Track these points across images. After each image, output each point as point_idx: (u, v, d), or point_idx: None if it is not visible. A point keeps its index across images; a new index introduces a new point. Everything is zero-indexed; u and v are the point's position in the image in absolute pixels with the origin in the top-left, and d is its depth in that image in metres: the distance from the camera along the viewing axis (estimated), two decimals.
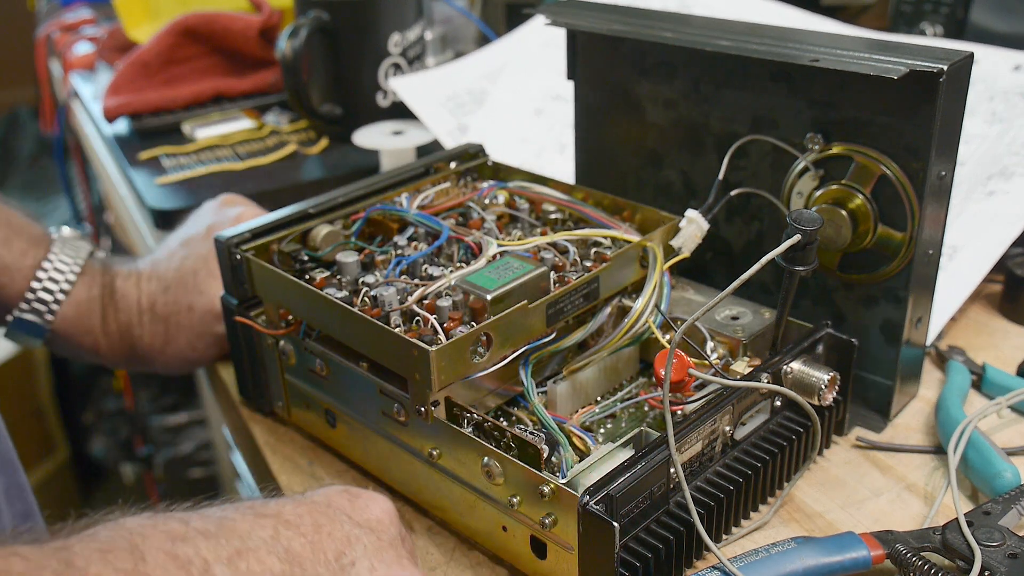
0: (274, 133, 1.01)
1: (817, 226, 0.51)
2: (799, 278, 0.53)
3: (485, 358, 0.50)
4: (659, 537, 0.47)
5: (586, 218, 0.62)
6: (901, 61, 0.51)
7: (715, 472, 0.51)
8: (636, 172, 0.69)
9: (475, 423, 0.50)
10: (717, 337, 0.58)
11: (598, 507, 0.44)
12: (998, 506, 0.49)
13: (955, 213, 0.70)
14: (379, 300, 0.53)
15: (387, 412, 0.53)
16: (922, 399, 0.63)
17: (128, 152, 0.98)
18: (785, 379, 0.54)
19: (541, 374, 0.57)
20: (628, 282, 0.58)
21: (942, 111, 0.52)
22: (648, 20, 0.63)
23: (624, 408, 0.57)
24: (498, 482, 0.48)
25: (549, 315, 0.53)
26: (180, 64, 1.04)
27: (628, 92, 0.67)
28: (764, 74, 0.59)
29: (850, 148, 0.56)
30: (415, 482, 0.54)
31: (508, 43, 1.03)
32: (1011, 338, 0.69)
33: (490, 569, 0.51)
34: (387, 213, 0.63)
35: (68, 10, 1.59)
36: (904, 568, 0.47)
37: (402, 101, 0.95)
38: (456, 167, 0.70)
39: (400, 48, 0.97)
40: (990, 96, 0.79)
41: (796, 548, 0.47)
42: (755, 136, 0.60)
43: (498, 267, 0.54)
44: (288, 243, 0.61)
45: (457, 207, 0.65)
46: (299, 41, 0.90)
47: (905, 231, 0.56)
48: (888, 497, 0.55)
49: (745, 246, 0.64)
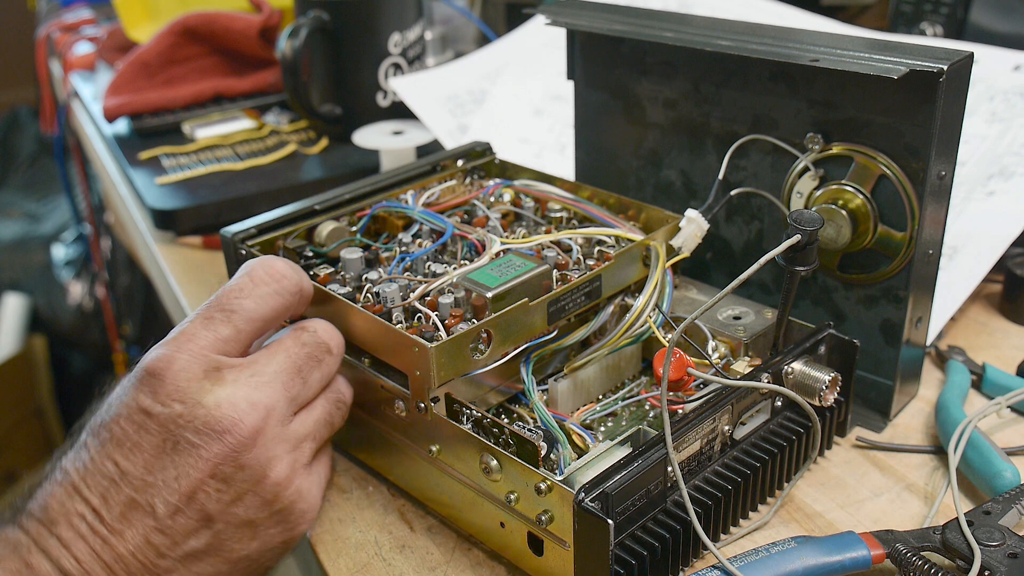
0: (274, 133, 1.01)
1: (817, 226, 0.51)
2: (800, 278, 0.53)
3: (485, 355, 0.50)
4: (655, 535, 0.47)
5: (591, 217, 0.63)
6: (901, 61, 0.51)
7: (713, 471, 0.51)
8: (636, 172, 0.69)
9: (474, 420, 0.50)
10: (719, 337, 0.58)
11: (593, 504, 0.44)
12: (998, 506, 0.49)
13: (955, 213, 0.70)
14: (381, 296, 0.53)
15: (388, 408, 0.53)
16: (922, 399, 0.63)
17: (128, 152, 0.98)
18: (786, 379, 0.54)
19: (543, 372, 0.57)
20: (631, 281, 0.58)
21: (942, 111, 0.52)
22: (648, 20, 0.63)
23: (625, 407, 0.57)
24: (496, 478, 0.48)
25: (550, 313, 0.53)
26: (180, 64, 1.04)
27: (628, 92, 0.67)
28: (764, 74, 0.59)
29: (850, 148, 0.57)
30: (416, 478, 0.55)
31: (508, 43, 1.03)
32: (1011, 338, 0.69)
33: (490, 569, 0.51)
34: (392, 210, 0.63)
35: (68, 10, 1.59)
36: (904, 568, 0.47)
37: (402, 101, 0.95)
38: (463, 165, 0.70)
39: (400, 48, 0.97)
40: (990, 96, 0.79)
41: (796, 548, 0.47)
42: (755, 136, 0.61)
43: (500, 265, 0.54)
44: (293, 239, 0.62)
45: (462, 205, 0.65)
46: (299, 41, 0.90)
47: (905, 231, 0.56)
48: (888, 497, 0.55)
49: (745, 246, 0.64)
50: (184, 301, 0.79)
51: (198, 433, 0.46)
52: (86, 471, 0.47)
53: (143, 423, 0.47)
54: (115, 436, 0.47)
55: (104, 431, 0.47)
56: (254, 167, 0.93)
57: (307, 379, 0.51)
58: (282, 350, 0.51)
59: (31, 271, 2.38)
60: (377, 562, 0.52)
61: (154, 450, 0.46)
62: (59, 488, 0.47)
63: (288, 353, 0.50)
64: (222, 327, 0.49)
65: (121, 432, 0.47)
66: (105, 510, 0.46)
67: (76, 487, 0.46)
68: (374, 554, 0.52)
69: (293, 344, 0.51)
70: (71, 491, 0.46)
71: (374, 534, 0.54)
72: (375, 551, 0.52)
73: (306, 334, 0.52)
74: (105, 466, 0.46)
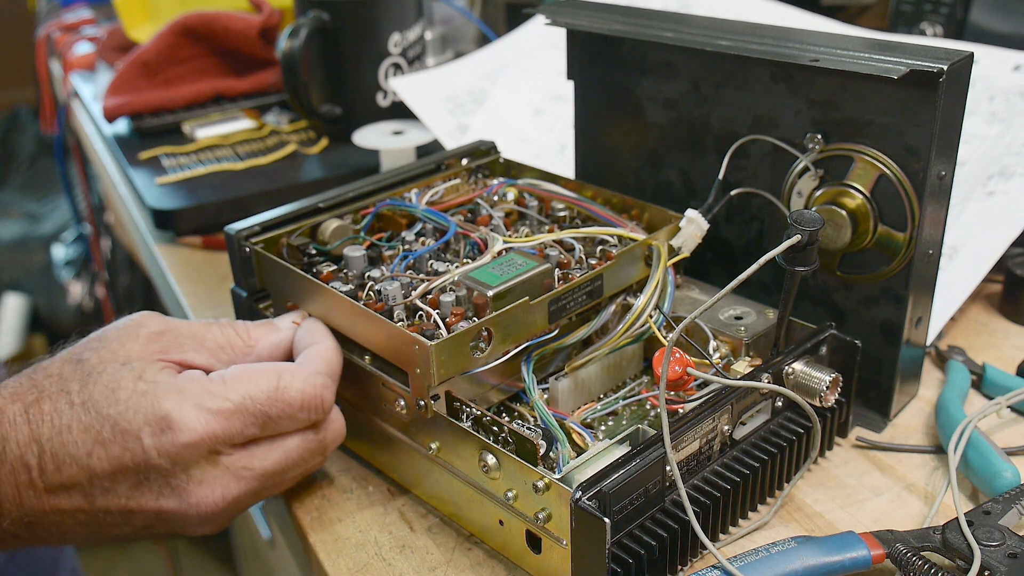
0: (274, 133, 1.01)
1: (818, 226, 0.51)
2: (800, 278, 0.53)
3: (486, 353, 0.50)
4: (653, 535, 0.47)
5: (594, 216, 0.63)
6: (901, 61, 0.51)
7: (713, 471, 0.51)
8: (636, 172, 0.69)
9: (474, 418, 0.50)
10: (720, 337, 0.58)
11: (591, 503, 0.44)
12: (998, 506, 0.49)
13: (955, 213, 0.70)
14: (383, 294, 0.54)
15: (389, 405, 0.53)
16: (922, 399, 0.63)
17: (128, 152, 0.98)
18: (787, 380, 0.54)
19: (544, 371, 0.57)
20: (633, 280, 0.58)
21: (942, 111, 0.52)
22: (648, 20, 0.63)
23: (626, 406, 0.57)
24: (495, 476, 0.48)
25: (551, 312, 0.53)
26: (180, 64, 1.04)
27: (628, 92, 0.67)
28: (764, 74, 0.59)
29: (850, 148, 0.57)
30: (416, 476, 0.55)
31: (508, 43, 1.03)
32: (1011, 338, 0.69)
33: (490, 569, 0.51)
34: (396, 208, 0.63)
35: (68, 10, 1.60)
36: (904, 568, 0.47)
37: (402, 101, 0.95)
38: (467, 164, 0.70)
39: (400, 48, 0.97)
40: (990, 96, 0.79)
41: (796, 548, 0.47)
42: (755, 136, 0.61)
43: (502, 263, 0.55)
44: (297, 237, 0.62)
45: (466, 203, 0.65)
46: (299, 41, 0.90)
47: (905, 231, 0.56)
48: (888, 497, 0.55)
49: (745, 246, 0.64)
50: (184, 301, 0.79)
51: (169, 491, 0.48)
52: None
53: (129, 448, 0.47)
54: (96, 415, 0.48)
55: (95, 397, 0.48)
56: (254, 167, 0.93)
57: (289, 473, 0.52)
58: (283, 450, 0.51)
59: (31, 271, 2.38)
60: (377, 562, 0.52)
61: (120, 468, 0.47)
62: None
63: (287, 455, 0.51)
64: (251, 428, 0.50)
65: (103, 419, 0.47)
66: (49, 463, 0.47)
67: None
68: (374, 554, 0.52)
69: (296, 448, 0.52)
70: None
71: (374, 534, 0.54)
72: (375, 551, 0.52)
73: (314, 441, 0.53)
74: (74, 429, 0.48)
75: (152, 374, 0.49)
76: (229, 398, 0.49)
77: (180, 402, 0.48)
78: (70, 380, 0.49)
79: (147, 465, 0.47)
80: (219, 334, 0.54)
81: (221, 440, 0.49)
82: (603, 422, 0.56)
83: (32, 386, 0.49)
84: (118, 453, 0.47)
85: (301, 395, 0.50)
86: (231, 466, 0.50)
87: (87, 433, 0.47)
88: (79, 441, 0.47)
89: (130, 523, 0.50)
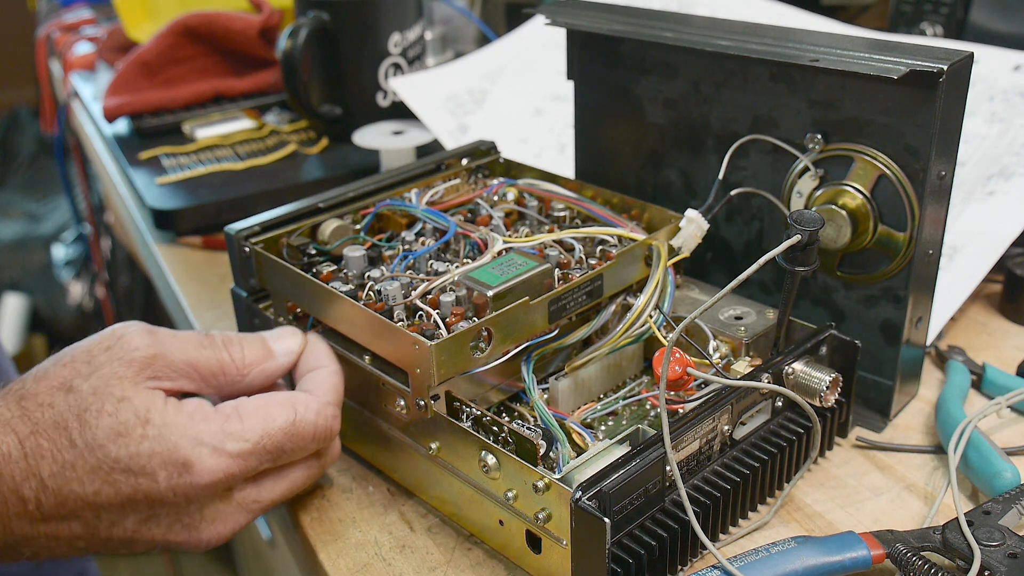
0: (274, 133, 1.01)
1: (818, 226, 0.51)
2: (800, 278, 0.53)
3: (486, 353, 0.50)
4: (653, 535, 0.47)
5: (594, 216, 0.63)
6: (901, 61, 0.51)
7: (713, 471, 0.51)
8: (636, 172, 0.69)
9: (474, 417, 0.50)
10: (720, 337, 0.58)
11: (590, 503, 0.44)
12: (998, 506, 0.49)
13: (955, 213, 0.70)
14: (383, 294, 0.54)
15: (389, 405, 0.53)
16: (922, 399, 0.63)
17: (128, 152, 0.98)
18: (787, 380, 0.54)
19: (544, 371, 0.57)
20: (633, 280, 0.58)
21: (942, 111, 0.52)
22: (648, 20, 0.63)
23: (626, 406, 0.57)
24: (495, 476, 0.48)
25: (551, 312, 0.53)
26: (180, 64, 1.04)
27: (628, 92, 0.67)
28: (764, 74, 0.59)
29: (850, 148, 0.57)
30: (416, 476, 0.55)
31: (508, 43, 1.03)
32: (1011, 338, 0.69)
33: (490, 569, 0.51)
34: (396, 208, 0.63)
35: (68, 10, 1.60)
36: (904, 568, 0.47)
37: (402, 101, 0.95)
38: (467, 164, 0.70)
39: (400, 48, 0.97)
40: (990, 96, 0.79)
41: (796, 548, 0.47)
42: (755, 136, 0.61)
43: (502, 263, 0.55)
44: (297, 237, 0.62)
45: (466, 203, 0.65)
46: (299, 41, 0.90)
47: (905, 231, 0.56)
48: (888, 497, 0.55)
49: (745, 246, 0.64)
50: (184, 301, 0.79)
51: (180, 527, 0.49)
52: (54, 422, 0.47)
53: (143, 488, 0.47)
54: (102, 453, 0.46)
55: (98, 428, 0.47)
56: (254, 167, 0.93)
57: (288, 492, 0.53)
58: (289, 481, 0.52)
59: (31, 271, 2.38)
60: (377, 562, 0.52)
61: (130, 503, 0.47)
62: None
63: (292, 485, 0.53)
64: (265, 463, 0.50)
65: (112, 461, 0.46)
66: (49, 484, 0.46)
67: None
68: (374, 554, 0.52)
69: (301, 476, 0.53)
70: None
71: (374, 534, 0.54)
72: (375, 551, 0.52)
73: (316, 466, 0.54)
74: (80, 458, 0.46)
75: (158, 414, 0.47)
76: (247, 438, 0.49)
77: (199, 446, 0.47)
78: (66, 414, 0.47)
79: (161, 502, 0.47)
80: (212, 359, 0.52)
81: (238, 479, 0.49)
82: (603, 422, 0.56)
83: (23, 415, 0.47)
84: (129, 492, 0.46)
85: (314, 428, 0.51)
86: (242, 501, 0.50)
87: (94, 473, 0.46)
88: (85, 480, 0.46)
89: (132, 549, 0.49)
